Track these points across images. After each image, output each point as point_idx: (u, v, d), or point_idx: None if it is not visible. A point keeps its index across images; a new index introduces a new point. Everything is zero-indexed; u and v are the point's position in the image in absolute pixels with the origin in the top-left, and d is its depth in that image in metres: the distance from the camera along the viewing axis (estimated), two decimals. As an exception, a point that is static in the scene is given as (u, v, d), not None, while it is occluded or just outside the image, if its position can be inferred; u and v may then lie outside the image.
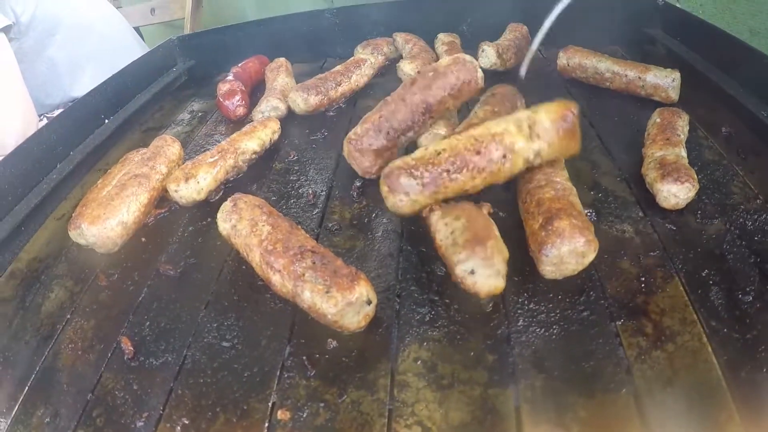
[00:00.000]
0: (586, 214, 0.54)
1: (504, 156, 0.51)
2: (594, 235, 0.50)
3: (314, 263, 0.48)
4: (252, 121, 0.84)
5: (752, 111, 0.77)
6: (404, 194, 0.51)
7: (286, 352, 0.50)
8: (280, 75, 0.94)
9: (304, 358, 0.50)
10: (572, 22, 0.93)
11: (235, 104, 0.90)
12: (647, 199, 0.63)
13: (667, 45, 0.99)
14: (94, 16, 1.54)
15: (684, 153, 0.66)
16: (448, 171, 0.50)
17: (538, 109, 0.54)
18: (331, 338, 0.50)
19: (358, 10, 1.15)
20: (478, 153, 0.50)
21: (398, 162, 0.52)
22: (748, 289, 0.55)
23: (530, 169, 0.56)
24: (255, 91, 1.03)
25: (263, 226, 0.53)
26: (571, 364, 0.48)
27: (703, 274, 0.54)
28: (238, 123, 0.92)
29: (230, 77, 0.98)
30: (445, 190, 0.51)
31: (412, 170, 0.51)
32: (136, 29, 1.79)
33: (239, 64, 1.03)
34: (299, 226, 0.57)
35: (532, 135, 0.52)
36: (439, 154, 0.51)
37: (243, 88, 0.93)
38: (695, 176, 0.61)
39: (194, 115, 1.03)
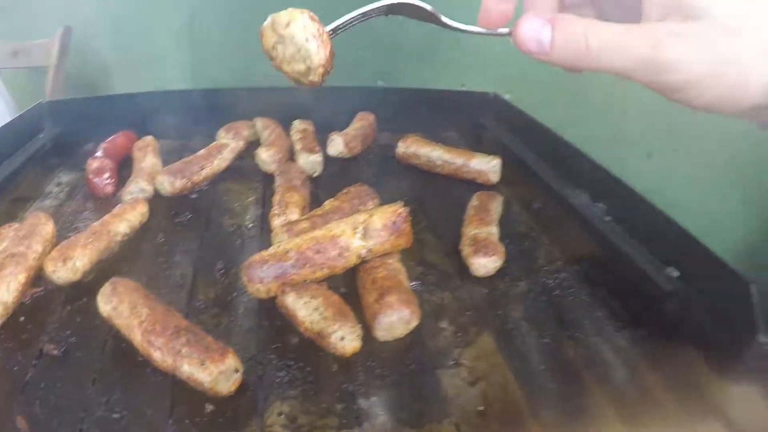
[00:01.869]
0: (413, 286, 0.68)
1: (340, 254, 0.64)
2: (417, 305, 0.63)
3: (189, 340, 0.56)
4: (120, 199, 0.89)
5: (557, 189, 0.94)
6: (260, 283, 0.62)
7: (170, 420, 0.56)
8: (147, 155, 1.00)
9: (187, 421, 0.56)
10: (418, 109, 1.10)
11: (104, 182, 0.94)
12: (464, 271, 0.75)
13: (496, 132, 1.16)
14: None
15: (495, 230, 0.80)
16: (293, 266, 0.62)
17: (374, 212, 0.66)
18: (208, 403, 0.57)
19: (223, 93, 1.24)
20: (318, 252, 0.63)
21: (256, 256, 0.63)
22: (546, 333, 0.67)
23: (366, 260, 0.69)
24: (122, 166, 1.05)
25: (141, 308, 0.60)
26: (403, 406, 0.58)
27: (509, 326, 0.67)
28: (106, 200, 0.95)
29: (99, 153, 1.01)
30: (293, 280, 0.63)
31: (266, 264, 0.63)
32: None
33: (108, 140, 1.07)
34: (171, 306, 0.63)
35: (365, 236, 0.65)
36: (287, 252, 0.63)
37: (112, 166, 0.98)
38: (502, 250, 0.75)
39: (62, 188, 1.04)
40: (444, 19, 0.52)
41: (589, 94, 1.33)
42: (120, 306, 0.62)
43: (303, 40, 0.50)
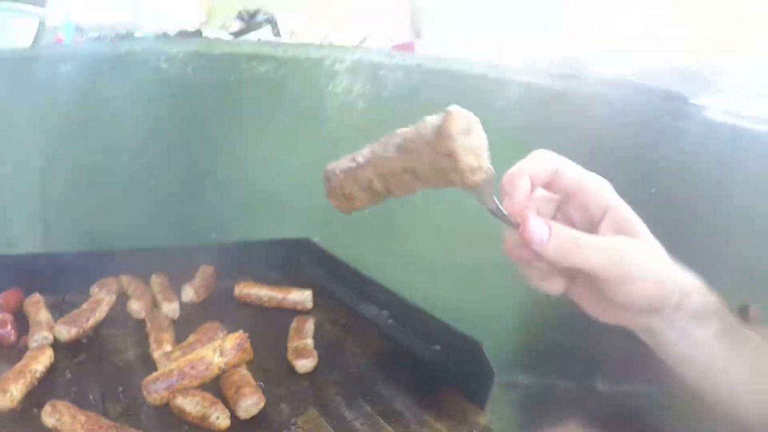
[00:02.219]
0: (258, 383, 0.92)
1: (206, 368, 0.89)
2: (262, 393, 0.87)
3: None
4: (27, 347, 1.05)
5: (354, 306, 1.21)
6: (155, 394, 0.85)
7: None
8: (40, 310, 1.14)
9: None
10: (247, 257, 1.35)
11: (8, 333, 1.08)
12: (291, 370, 1.00)
13: (309, 269, 1.39)
14: None
15: (310, 341, 1.06)
16: (177, 380, 0.86)
17: (225, 339, 0.93)
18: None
19: (92, 255, 1.36)
20: (192, 368, 0.88)
21: (150, 377, 0.86)
22: (354, 402, 0.89)
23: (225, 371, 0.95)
24: (17, 318, 1.15)
25: (80, 416, 0.80)
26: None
27: (328, 401, 0.91)
28: (10, 348, 1.07)
29: (-3, 309, 1.15)
30: (178, 389, 0.86)
31: (158, 381, 0.86)
32: None
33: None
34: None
35: (222, 355, 0.90)
36: (171, 371, 0.87)
37: (11, 319, 1.11)
38: (315, 353, 1.01)
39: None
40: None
41: (381, 233, 1.50)
42: (62, 417, 0.82)
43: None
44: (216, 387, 0.90)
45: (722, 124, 1.40)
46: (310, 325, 1.12)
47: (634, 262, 0.64)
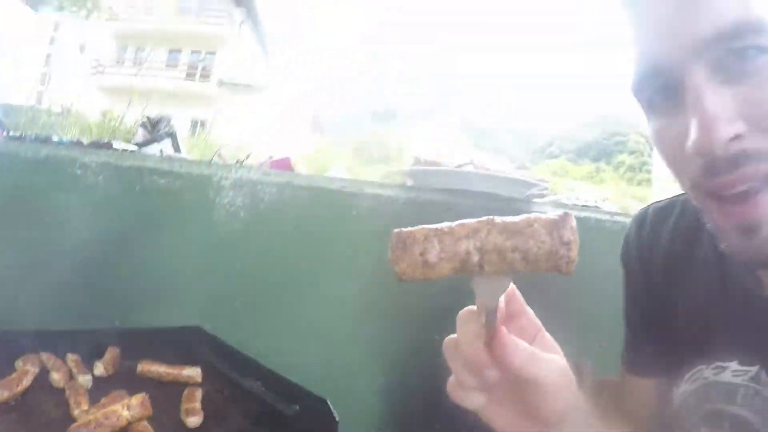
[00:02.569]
0: None
1: (117, 419, 1.01)
2: None
3: None
4: None
5: (237, 379, 1.37)
6: None
7: None
8: None
9: None
10: (145, 342, 1.51)
11: None
12: (184, 426, 1.15)
13: (200, 350, 1.52)
14: None
15: (198, 405, 1.15)
16: (94, 427, 0.96)
17: (132, 398, 1.08)
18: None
19: (14, 334, 1.46)
20: (107, 419, 0.99)
21: (73, 425, 0.98)
22: None
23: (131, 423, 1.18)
24: None
25: None
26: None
27: None
28: None
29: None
30: None
31: (79, 428, 0.98)
32: None
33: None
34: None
35: (129, 409, 1.03)
36: (89, 421, 0.98)
37: None
38: (202, 412, 1.14)
39: None
40: None
41: (258, 319, 1.70)
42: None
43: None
44: None
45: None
46: (198, 393, 1.32)
47: (568, 378, 0.72)
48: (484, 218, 0.61)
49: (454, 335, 0.73)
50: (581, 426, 0.80)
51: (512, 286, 0.73)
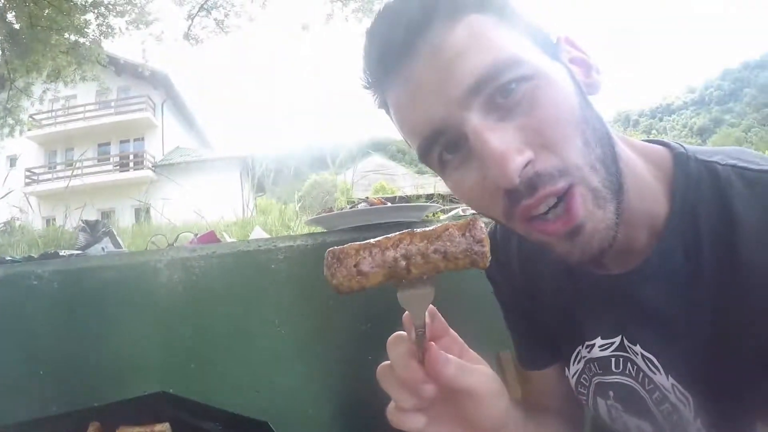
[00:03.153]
0: None
1: None
2: None
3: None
4: None
5: (196, 423, 1.55)
6: None
7: None
8: None
9: None
10: (122, 411, 1.65)
11: None
12: None
13: (170, 410, 1.59)
14: None
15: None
16: None
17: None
18: None
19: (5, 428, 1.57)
20: None
21: None
22: None
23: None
24: None
25: None
26: None
27: None
28: None
29: None
30: None
31: None
32: None
33: None
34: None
35: None
36: None
37: None
38: None
39: None
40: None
41: (210, 374, 1.84)
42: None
43: None
44: None
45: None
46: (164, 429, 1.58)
47: (499, 385, 0.78)
48: (405, 231, 0.65)
49: (386, 362, 0.75)
50: (519, 430, 0.88)
51: (433, 308, 0.75)
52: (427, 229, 0.64)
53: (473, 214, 2.43)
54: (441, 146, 0.81)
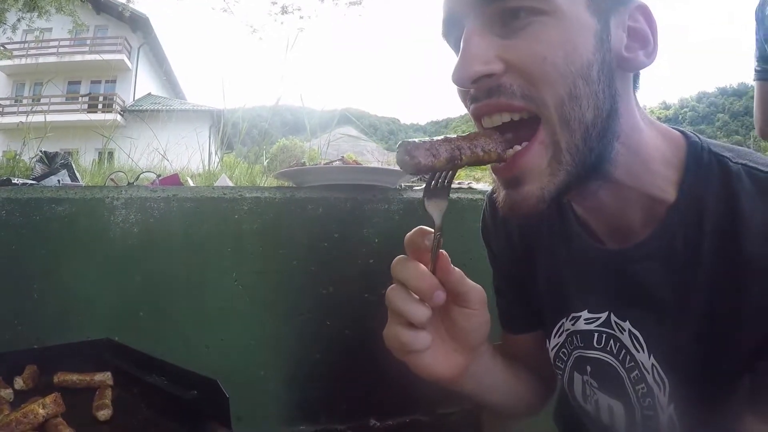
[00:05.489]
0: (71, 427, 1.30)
1: (34, 417, 1.07)
2: (74, 429, 1.09)
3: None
4: None
5: (144, 379, 1.45)
6: None
7: None
8: None
9: None
10: (62, 356, 1.61)
11: None
12: (96, 420, 1.22)
13: (110, 359, 1.55)
14: None
15: (108, 401, 1.18)
16: (15, 425, 1.03)
17: (46, 397, 1.16)
18: None
19: None
20: (25, 417, 1.04)
21: None
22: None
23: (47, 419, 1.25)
24: None
25: None
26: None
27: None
28: None
29: None
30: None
31: (1, 428, 1.05)
32: None
33: None
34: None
35: (44, 407, 1.08)
36: (11, 420, 1.03)
37: None
38: (111, 406, 1.17)
39: None
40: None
41: (161, 325, 1.78)
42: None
43: None
44: (43, 430, 1.14)
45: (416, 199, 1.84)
46: (109, 392, 1.38)
47: (485, 297, 0.88)
48: (454, 136, 0.78)
49: (394, 285, 0.84)
50: (489, 358, 0.99)
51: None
52: (465, 136, 0.77)
53: (469, 185, 2.35)
54: (453, 34, 0.86)
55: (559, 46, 0.75)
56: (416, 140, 0.74)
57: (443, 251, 0.81)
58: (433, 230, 0.81)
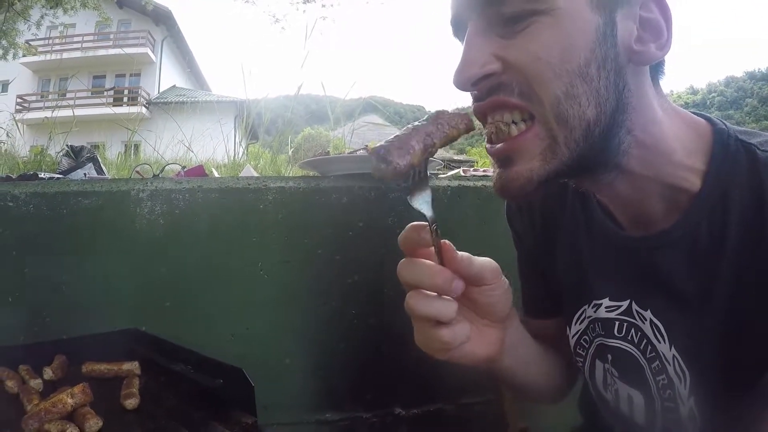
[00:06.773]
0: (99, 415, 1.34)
1: (63, 406, 1.07)
2: (101, 417, 1.11)
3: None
4: None
5: (171, 368, 1.44)
6: (31, 426, 1.04)
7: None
8: None
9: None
10: (90, 346, 1.56)
11: None
12: (124, 408, 1.26)
13: (140, 348, 1.54)
14: None
15: (136, 390, 1.26)
16: (44, 414, 1.04)
17: (75, 387, 1.14)
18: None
19: None
20: (54, 407, 1.05)
21: (27, 415, 1.06)
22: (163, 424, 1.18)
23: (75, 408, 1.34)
24: None
25: None
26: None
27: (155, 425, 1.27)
28: None
29: None
30: (46, 420, 1.08)
31: (32, 417, 1.05)
32: None
33: None
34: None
35: (72, 397, 1.09)
36: (41, 410, 1.05)
37: None
38: (138, 395, 1.25)
39: None
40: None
41: (186, 316, 1.79)
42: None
43: None
44: (71, 418, 1.15)
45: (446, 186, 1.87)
46: (136, 381, 1.39)
47: (499, 268, 0.83)
48: (417, 124, 0.77)
49: (412, 291, 0.79)
50: (519, 326, 0.96)
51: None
52: (423, 122, 0.76)
53: (473, 174, 2.34)
54: (461, 38, 0.84)
55: (555, 45, 0.74)
56: (383, 143, 0.73)
57: (445, 240, 0.78)
58: (426, 224, 0.79)
